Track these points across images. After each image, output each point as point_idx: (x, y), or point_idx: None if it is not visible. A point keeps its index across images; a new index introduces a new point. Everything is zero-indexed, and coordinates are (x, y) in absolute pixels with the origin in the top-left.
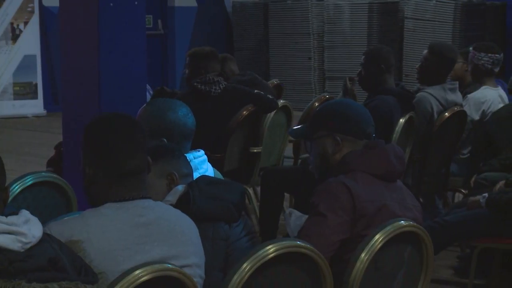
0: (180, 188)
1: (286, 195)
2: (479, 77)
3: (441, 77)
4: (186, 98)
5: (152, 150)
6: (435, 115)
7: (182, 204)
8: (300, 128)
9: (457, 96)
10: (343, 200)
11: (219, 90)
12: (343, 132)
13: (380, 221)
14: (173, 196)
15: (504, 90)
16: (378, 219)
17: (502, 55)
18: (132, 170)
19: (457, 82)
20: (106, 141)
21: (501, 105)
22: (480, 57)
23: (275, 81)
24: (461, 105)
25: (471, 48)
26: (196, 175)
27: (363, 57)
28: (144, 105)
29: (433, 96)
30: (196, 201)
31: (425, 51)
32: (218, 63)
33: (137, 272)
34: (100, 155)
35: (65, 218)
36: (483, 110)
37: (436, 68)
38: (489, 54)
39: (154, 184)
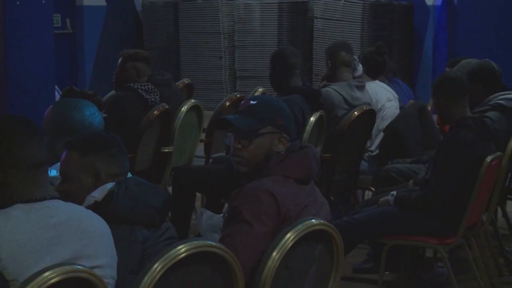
0: (109, 186)
1: (198, 194)
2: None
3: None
4: (128, 99)
5: (88, 142)
6: (338, 110)
7: (106, 203)
8: (240, 119)
9: (363, 95)
10: (268, 207)
11: (156, 101)
12: (287, 133)
13: None
14: (100, 193)
15: (405, 88)
16: None
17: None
18: (40, 162)
19: (365, 81)
20: (5, 140)
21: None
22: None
23: (185, 80)
24: (369, 104)
25: None
26: None
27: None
28: (51, 105)
29: (338, 92)
30: (119, 202)
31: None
32: (149, 67)
33: (46, 274)
34: (4, 155)
35: None
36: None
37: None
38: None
39: (81, 179)
